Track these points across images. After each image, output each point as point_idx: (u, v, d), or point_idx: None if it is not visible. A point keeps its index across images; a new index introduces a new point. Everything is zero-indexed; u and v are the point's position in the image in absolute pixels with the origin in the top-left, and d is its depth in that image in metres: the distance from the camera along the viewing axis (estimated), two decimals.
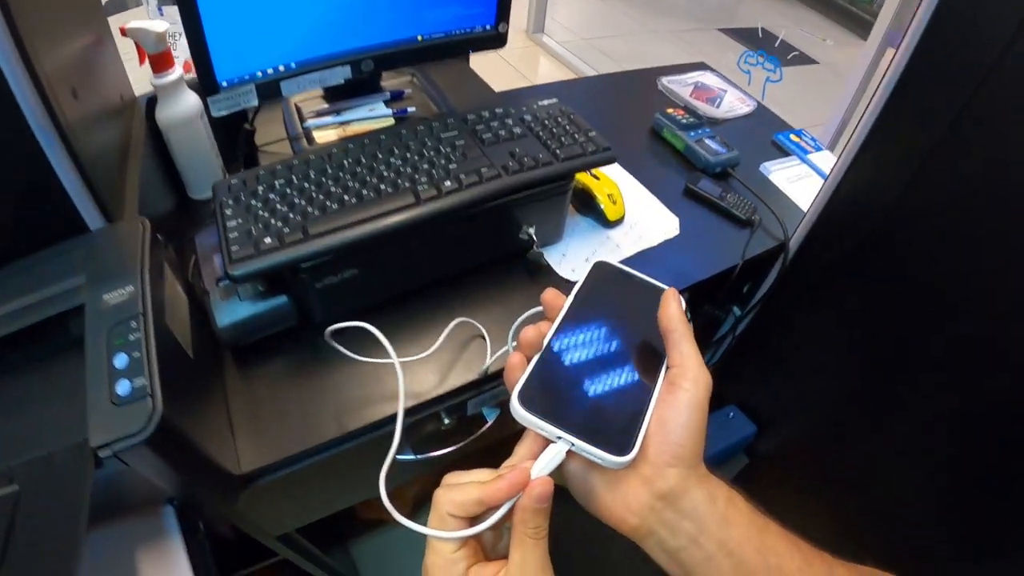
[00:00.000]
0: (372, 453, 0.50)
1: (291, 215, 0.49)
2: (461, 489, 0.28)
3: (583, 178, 0.65)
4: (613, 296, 0.36)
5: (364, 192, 0.50)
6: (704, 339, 0.86)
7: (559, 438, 0.28)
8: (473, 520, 0.28)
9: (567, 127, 0.58)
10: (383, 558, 0.97)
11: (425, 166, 0.53)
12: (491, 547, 0.30)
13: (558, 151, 0.55)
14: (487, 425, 0.56)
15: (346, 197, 0.50)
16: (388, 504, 0.31)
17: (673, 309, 0.31)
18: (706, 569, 0.28)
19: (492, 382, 0.52)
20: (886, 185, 0.58)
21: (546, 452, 0.28)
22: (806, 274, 0.72)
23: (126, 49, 0.63)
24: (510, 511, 0.28)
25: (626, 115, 0.86)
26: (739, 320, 0.81)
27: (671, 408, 0.29)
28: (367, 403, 0.48)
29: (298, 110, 0.65)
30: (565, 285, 0.60)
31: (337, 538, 0.96)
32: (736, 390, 0.89)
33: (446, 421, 0.51)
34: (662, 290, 0.34)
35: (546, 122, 0.59)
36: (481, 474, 0.29)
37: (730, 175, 0.77)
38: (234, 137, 0.67)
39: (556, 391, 0.30)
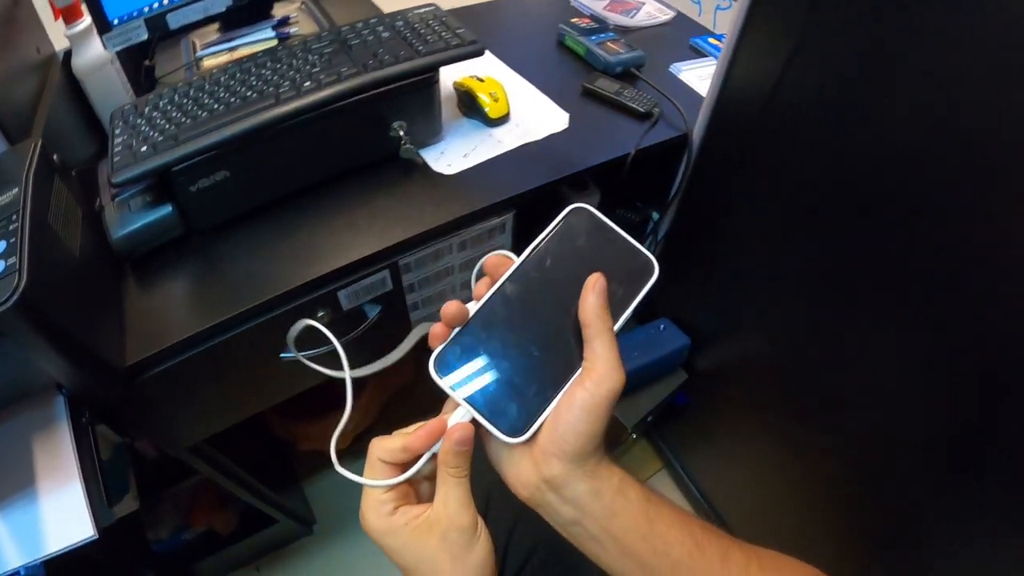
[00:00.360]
0: (252, 351, 0.54)
1: (168, 126, 0.53)
2: (390, 438, 0.32)
3: (467, 81, 0.66)
4: (575, 256, 0.32)
5: (232, 100, 0.54)
6: None
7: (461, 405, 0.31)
8: (404, 469, 0.31)
9: (436, 28, 0.60)
10: (336, 498, 1.02)
11: (291, 73, 0.56)
12: (425, 499, 0.33)
13: (421, 47, 0.57)
14: (368, 321, 0.59)
15: (216, 106, 0.54)
16: (337, 464, 0.34)
17: (590, 301, 0.30)
18: (593, 546, 0.30)
19: (356, 274, 0.55)
20: (762, 72, 0.57)
21: (458, 410, 0.31)
22: (711, 169, 0.72)
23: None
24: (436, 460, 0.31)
25: (533, 32, 0.87)
26: (658, 224, 0.82)
27: (568, 404, 0.29)
28: (247, 300, 0.52)
29: (195, 45, 0.69)
30: (441, 180, 0.61)
31: (290, 478, 1.02)
32: (668, 303, 0.89)
33: (319, 314, 0.54)
34: (642, 255, 0.32)
35: (416, 25, 0.60)
36: (411, 428, 0.32)
37: (635, 76, 0.77)
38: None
39: (472, 361, 0.31)
